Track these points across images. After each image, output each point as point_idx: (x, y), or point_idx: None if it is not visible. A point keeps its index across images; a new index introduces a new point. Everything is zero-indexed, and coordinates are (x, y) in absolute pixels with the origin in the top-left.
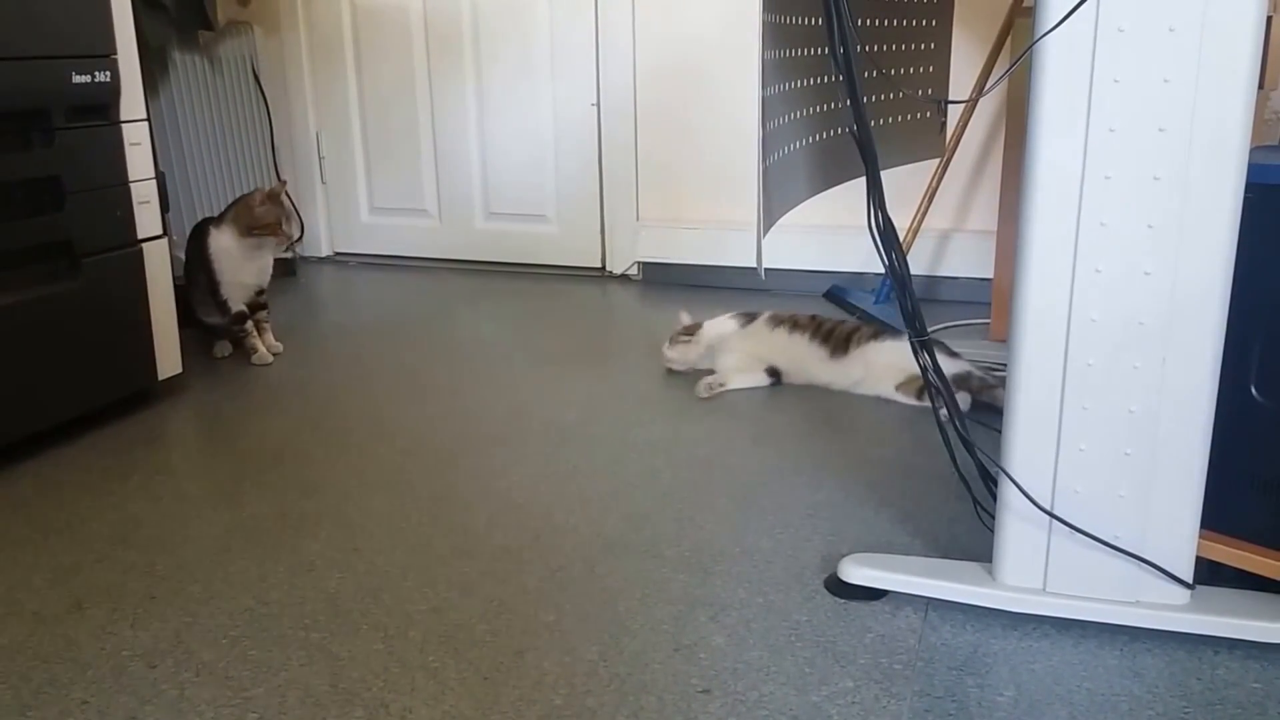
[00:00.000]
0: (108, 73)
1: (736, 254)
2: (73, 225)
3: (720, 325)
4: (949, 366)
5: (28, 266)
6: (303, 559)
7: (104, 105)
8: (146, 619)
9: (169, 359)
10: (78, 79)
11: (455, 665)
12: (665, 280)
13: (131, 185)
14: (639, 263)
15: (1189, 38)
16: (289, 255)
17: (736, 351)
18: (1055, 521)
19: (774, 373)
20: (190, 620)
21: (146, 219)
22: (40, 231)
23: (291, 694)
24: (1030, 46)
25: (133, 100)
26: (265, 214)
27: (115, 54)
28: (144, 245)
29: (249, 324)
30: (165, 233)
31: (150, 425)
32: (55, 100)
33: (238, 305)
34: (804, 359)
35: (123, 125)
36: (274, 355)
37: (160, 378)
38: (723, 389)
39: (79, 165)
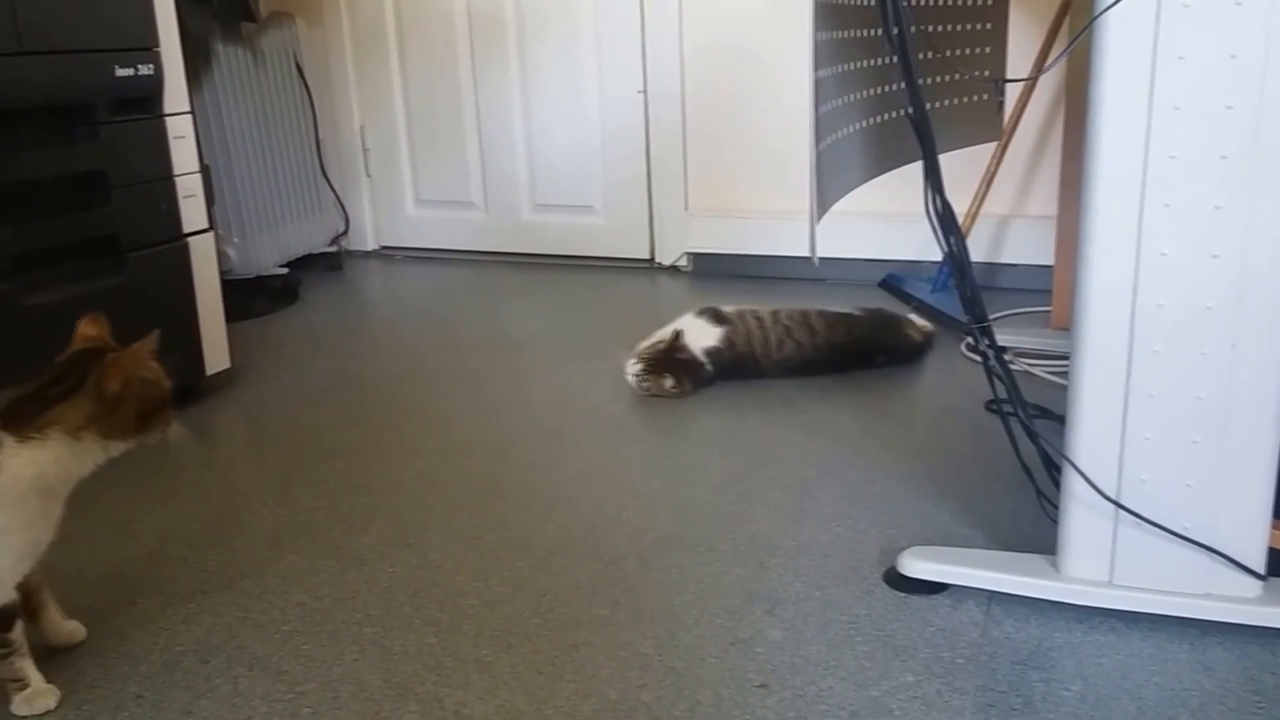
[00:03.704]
0: (151, 65)
1: (790, 243)
2: (118, 220)
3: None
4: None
5: (75, 262)
6: (354, 554)
7: (147, 98)
8: (198, 614)
9: (217, 354)
10: (121, 72)
11: (509, 659)
12: (715, 271)
13: (176, 179)
14: (688, 253)
15: (1257, 10)
16: (334, 250)
17: None
18: (1122, 511)
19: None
20: (242, 615)
21: (192, 213)
22: (86, 226)
23: (345, 689)
24: (1091, 22)
25: (176, 93)
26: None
27: (158, 46)
28: (190, 239)
29: (18, 630)
30: (211, 226)
31: (199, 421)
32: (99, 94)
33: (8, 592)
34: None
35: (166, 119)
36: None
37: (208, 373)
38: None
39: (124, 159)
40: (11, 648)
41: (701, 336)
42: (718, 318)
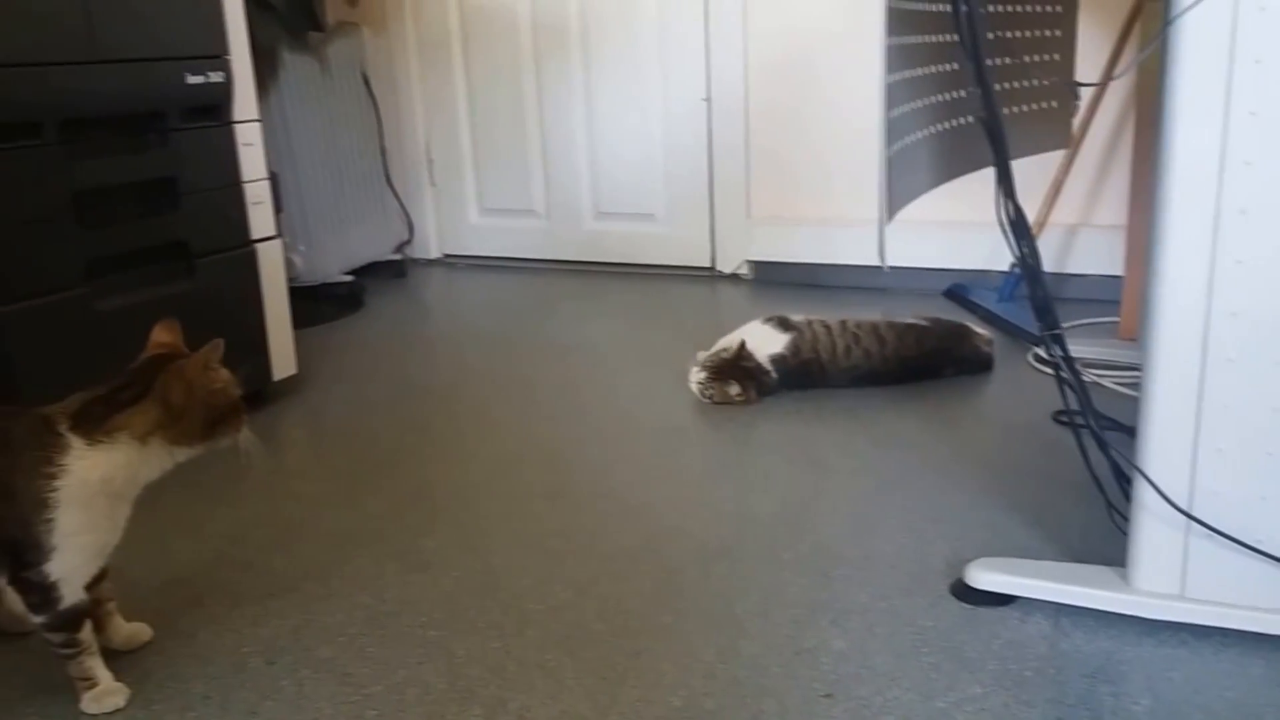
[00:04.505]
0: (221, 73)
1: (852, 252)
2: (188, 226)
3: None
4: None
5: (145, 267)
6: (419, 558)
7: (217, 106)
8: (265, 616)
9: (284, 360)
10: (192, 80)
11: (572, 665)
12: (777, 279)
13: (245, 186)
14: (749, 262)
15: None
16: (399, 257)
17: None
18: (1193, 524)
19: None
20: (308, 618)
21: (260, 219)
22: (157, 232)
23: (410, 691)
24: (1167, 26)
25: (245, 101)
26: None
27: (228, 54)
28: (258, 246)
29: (87, 629)
30: (278, 233)
31: (265, 426)
32: (170, 101)
33: (77, 592)
34: None
35: (235, 126)
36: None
37: (275, 379)
38: None
39: (193, 166)
40: (80, 647)
41: (767, 343)
42: (784, 325)
